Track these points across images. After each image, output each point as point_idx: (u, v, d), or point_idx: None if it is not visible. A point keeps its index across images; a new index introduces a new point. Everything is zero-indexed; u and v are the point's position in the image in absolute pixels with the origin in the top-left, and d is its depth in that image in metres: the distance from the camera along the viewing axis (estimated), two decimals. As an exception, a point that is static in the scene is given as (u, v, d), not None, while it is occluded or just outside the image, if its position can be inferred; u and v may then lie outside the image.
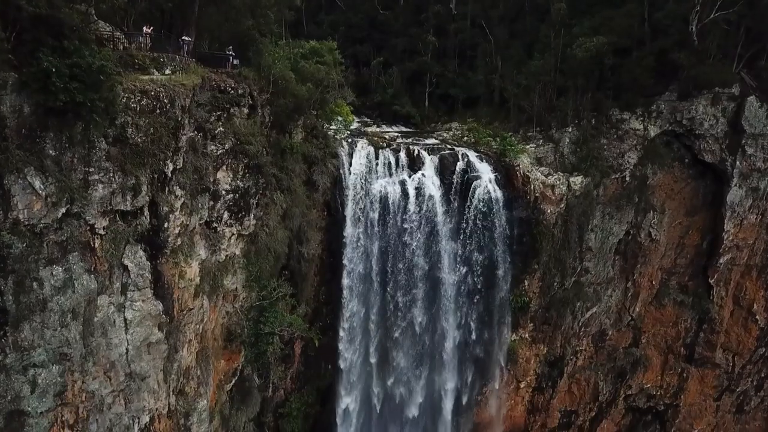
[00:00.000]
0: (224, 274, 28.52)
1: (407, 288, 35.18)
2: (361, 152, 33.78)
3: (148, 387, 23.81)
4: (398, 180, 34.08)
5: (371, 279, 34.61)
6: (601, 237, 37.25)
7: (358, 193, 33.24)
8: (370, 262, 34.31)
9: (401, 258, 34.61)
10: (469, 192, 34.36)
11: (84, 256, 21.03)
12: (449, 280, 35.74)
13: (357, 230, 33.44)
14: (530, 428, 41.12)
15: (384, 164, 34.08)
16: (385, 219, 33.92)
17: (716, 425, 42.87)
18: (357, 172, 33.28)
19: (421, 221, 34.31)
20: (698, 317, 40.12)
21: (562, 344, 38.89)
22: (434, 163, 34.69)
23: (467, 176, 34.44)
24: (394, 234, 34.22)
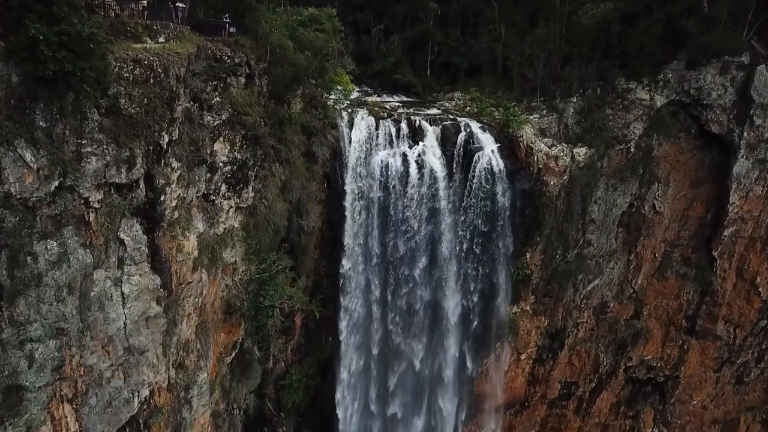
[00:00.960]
0: (223, 247, 28.19)
1: (408, 260, 34.91)
2: (361, 123, 33.12)
3: (147, 361, 23.67)
4: (399, 151, 33.49)
5: (372, 252, 34.31)
6: (605, 209, 36.81)
7: (359, 164, 32.70)
8: (371, 234, 33.96)
9: (402, 230, 34.24)
10: (471, 163, 33.79)
11: (79, 230, 20.63)
12: (450, 253, 35.44)
13: (357, 203, 32.99)
14: (530, 399, 41.34)
15: (385, 135, 33.45)
16: (386, 191, 33.44)
17: (715, 396, 43.06)
18: (357, 143, 32.68)
19: (422, 193, 33.84)
20: (700, 289, 39.92)
21: (563, 316, 38.79)
22: (436, 134, 34.07)
23: (469, 147, 33.84)
24: (395, 206, 33.78)
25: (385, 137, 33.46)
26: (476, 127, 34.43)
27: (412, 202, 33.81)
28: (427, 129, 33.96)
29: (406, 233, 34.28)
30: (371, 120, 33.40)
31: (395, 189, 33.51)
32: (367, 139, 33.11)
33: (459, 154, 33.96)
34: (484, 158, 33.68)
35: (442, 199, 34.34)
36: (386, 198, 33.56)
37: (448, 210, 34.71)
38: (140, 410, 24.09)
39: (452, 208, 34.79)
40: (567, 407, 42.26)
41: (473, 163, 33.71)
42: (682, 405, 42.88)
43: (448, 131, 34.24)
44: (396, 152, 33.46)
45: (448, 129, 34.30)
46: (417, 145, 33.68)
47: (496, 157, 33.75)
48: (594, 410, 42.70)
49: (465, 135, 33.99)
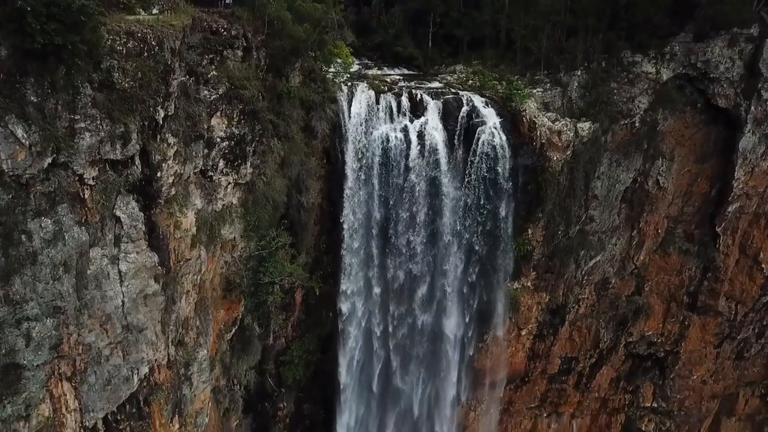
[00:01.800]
0: (221, 224, 27.86)
1: (409, 236, 34.56)
2: (361, 97, 32.44)
3: (146, 339, 23.56)
4: (400, 126, 32.88)
5: (372, 228, 33.95)
6: (608, 185, 36.39)
7: (359, 139, 32.12)
8: (371, 210, 33.57)
9: (403, 206, 33.83)
10: (473, 138, 33.20)
11: (73, 208, 20.32)
12: (451, 229, 35.07)
13: (357, 178, 32.51)
14: (530, 374, 41.43)
15: (385, 109, 32.81)
16: (387, 166, 32.93)
17: (715, 371, 43.19)
18: (357, 117, 32.05)
19: (423, 169, 33.32)
20: (703, 266, 39.72)
21: (564, 292, 38.64)
22: (437, 108, 33.40)
23: (471, 122, 33.20)
24: (396, 182, 33.30)
25: (385, 111, 32.83)
26: (478, 101, 33.76)
27: (413, 178, 33.33)
28: (429, 103, 33.31)
29: (406, 209, 33.87)
30: (371, 94, 32.73)
31: (396, 164, 32.99)
32: (367, 114, 32.47)
33: (461, 128, 33.35)
34: (487, 133, 33.09)
35: (444, 175, 33.85)
36: (387, 173, 33.06)
37: (450, 186, 34.25)
38: (140, 387, 24.08)
39: (454, 184, 34.32)
40: (567, 382, 42.40)
41: (475, 137, 33.14)
42: (681, 380, 43.03)
43: (449, 105, 33.58)
44: (397, 127, 32.85)
45: (449, 103, 33.64)
46: (418, 120, 33.05)
47: (498, 132, 33.15)
48: (594, 385, 42.88)
49: (467, 109, 33.36)
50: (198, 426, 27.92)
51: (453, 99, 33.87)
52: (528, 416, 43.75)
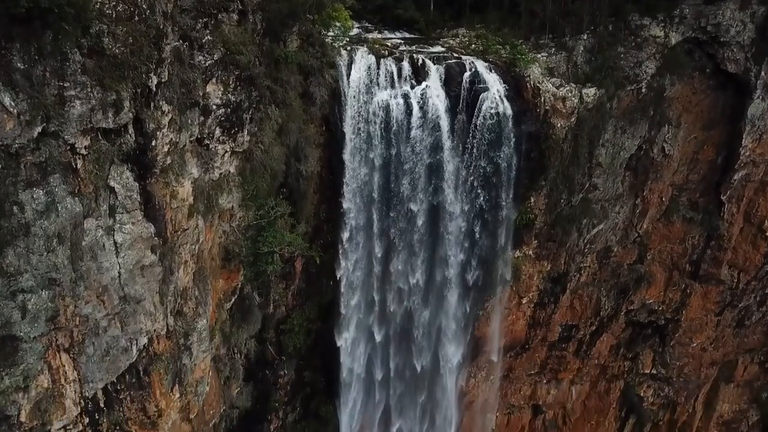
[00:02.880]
0: (219, 193, 27.41)
1: (410, 205, 34.15)
2: (360, 62, 31.56)
3: (144, 310, 23.37)
4: (401, 92, 32.07)
5: (373, 196, 33.51)
6: (612, 152, 35.77)
7: (358, 106, 31.40)
8: (372, 179, 33.04)
9: (403, 174, 33.31)
10: (476, 105, 32.47)
11: (66, 178, 19.85)
12: (453, 196, 34.64)
13: (357, 146, 31.90)
14: (531, 342, 41.57)
15: (386, 75, 31.96)
16: (387, 133, 32.26)
17: (715, 339, 43.29)
18: (357, 83, 31.24)
19: (424, 136, 32.70)
20: (706, 234, 39.39)
21: (566, 261, 38.43)
22: (439, 74, 32.54)
23: (474, 88, 32.40)
24: (397, 149, 32.71)
25: (386, 77, 31.98)
26: (482, 66, 32.89)
27: (414, 145, 32.73)
28: (431, 68, 32.44)
29: (407, 176, 33.36)
30: (371, 59, 31.84)
31: (397, 131, 32.33)
32: (367, 79, 31.65)
33: (463, 95, 32.56)
34: (490, 99, 32.34)
35: (445, 142, 33.23)
36: (387, 140, 32.43)
37: (451, 153, 33.67)
38: (139, 358, 24.00)
39: (455, 151, 33.74)
40: (567, 349, 42.58)
41: (478, 104, 32.40)
42: (681, 347, 43.17)
43: (452, 70, 32.71)
44: (398, 93, 32.04)
45: (452, 68, 32.77)
46: (420, 85, 32.24)
47: (501, 99, 32.40)
48: (594, 352, 43.06)
49: (470, 75, 32.51)
50: (199, 395, 28.00)
51: (455, 64, 32.98)
52: (528, 382, 44.10)
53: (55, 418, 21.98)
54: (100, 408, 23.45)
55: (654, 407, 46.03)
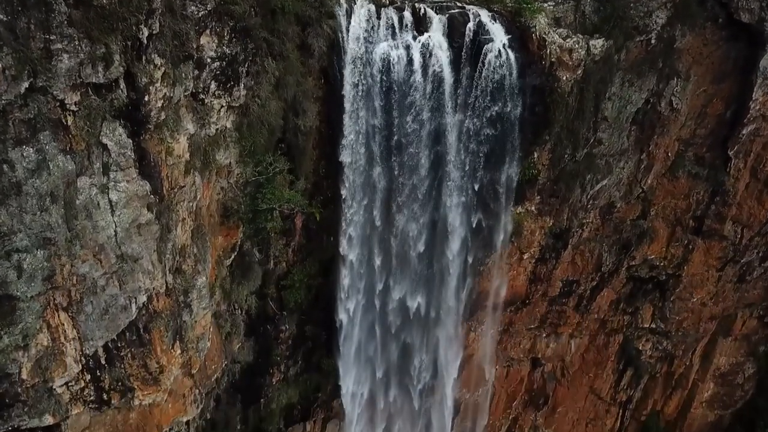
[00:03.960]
0: (216, 149, 26.88)
1: (411, 160, 33.55)
2: (360, 11, 30.32)
3: (142, 268, 23.21)
4: (402, 43, 30.97)
5: (373, 151, 32.88)
6: (619, 106, 34.84)
7: (358, 58, 30.36)
8: (372, 133, 32.32)
9: (405, 128, 32.56)
10: (479, 56, 31.42)
11: (57, 135, 19.36)
12: (455, 151, 34.01)
13: (357, 100, 31.03)
14: (531, 297, 41.61)
15: (386, 25, 30.79)
16: (388, 87, 31.32)
17: (715, 294, 43.27)
18: (356, 34, 30.10)
19: (426, 89, 31.81)
20: (711, 189, 38.79)
21: (568, 217, 38.04)
22: (442, 24, 31.34)
23: (478, 39, 31.24)
24: (398, 103, 31.88)
25: (386, 27, 30.83)
26: (486, 16, 31.64)
27: (416, 98, 31.88)
28: (433, 18, 31.23)
29: (409, 131, 32.64)
30: (372, 8, 30.58)
31: (398, 84, 31.40)
32: (367, 30, 30.52)
33: (467, 46, 31.42)
34: (494, 51, 31.23)
35: (448, 95, 32.35)
36: (388, 93, 31.54)
37: (454, 106, 32.83)
38: (139, 316, 24.01)
39: (458, 105, 32.88)
40: (567, 304, 42.65)
41: (482, 56, 31.33)
42: (681, 302, 43.22)
43: (455, 21, 31.50)
44: (399, 44, 30.93)
45: (455, 18, 31.55)
46: (422, 36, 31.14)
47: (506, 50, 31.32)
48: (594, 307, 43.15)
49: (474, 25, 31.30)
50: (200, 351, 28.19)
51: (459, 14, 31.72)
52: (527, 336, 44.41)
53: (57, 376, 22.15)
54: (102, 365, 23.61)
55: (652, 360, 46.49)
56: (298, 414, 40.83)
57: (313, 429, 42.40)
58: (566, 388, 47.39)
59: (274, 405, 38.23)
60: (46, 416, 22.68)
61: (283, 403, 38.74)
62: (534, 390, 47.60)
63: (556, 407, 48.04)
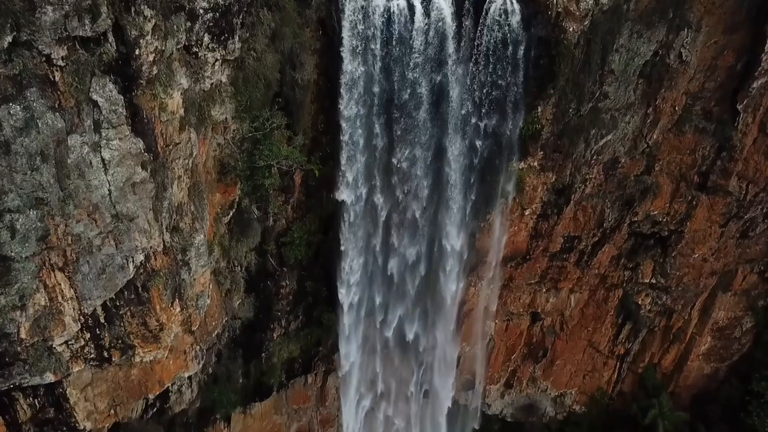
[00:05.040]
0: (211, 105, 26.19)
1: (412, 112, 32.75)
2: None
3: (138, 227, 22.91)
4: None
5: (373, 106, 32.08)
6: (626, 58, 33.72)
7: (357, 8, 29.23)
8: (371, 86, 31.43)
9: (405, 82, 31.66)
10: (483, 7, 30.27)
11: (44, 92, 18.73)
12: (457, 105, 33.19)
13: (356, 52, 30.01)
14: (532, 253, 41.48)
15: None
16: (389, 38, 30.25)
17: (717, 249, 43.07)
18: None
19: (428, 40, 30.74)
20: (718, 145, 38.04)
21: (571, 173, 37.44)
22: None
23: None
24: (398, 55, 30.87)
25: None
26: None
27: (417, 50, 30.87)
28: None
29: (409, 85, 31.74)
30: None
31: (398, 35, 30.34)
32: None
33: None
34: (498, 1, 30.11)
35: (450, 47, 31.29)
36: (388, 45, 30.51)
37: (456, 59, 31.81)
38: (137, 275, 23.86)
39: (461, 57, 31.87)
40: (568, 260, 42.55)
41: (486, 6, 30.18)
42: (682, 258, 43.07)
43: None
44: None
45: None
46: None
47: (511, 0, 30.15)
48: (594, 262, 43.06)
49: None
50: (200, 308, 28.21)
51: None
52: (527, 291, 44.54)
53: (56, 335, 22.17)
54: (101, 323, 23.63)
55: (650, 315, 46.71)
56: (299, 367, 41.41)
57: (314, 381, 43.07)
58: (565, 342, 47.85)
59: (275, 359, 38.65)
60: (47, 374, 22.85)
61: (284, 357, 39.17)
62: (533, 343, 48.10)
63: (555, 360, 48.63)
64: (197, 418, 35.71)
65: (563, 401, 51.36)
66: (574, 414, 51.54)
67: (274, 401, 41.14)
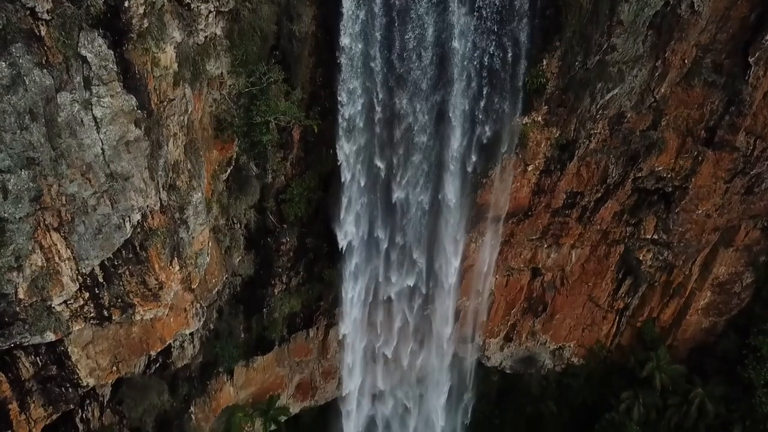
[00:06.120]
0: (206, 59, 25.37)
1: (414, 66, 31.78)
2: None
3: (133, 186, 22.51)
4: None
5: (373, 58, 31.08)
6: (636, 8, 32.45)
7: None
8: (372, 38, 30.37)
9: (406, 33, 30.56)
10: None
11: (30, 48, 18.00)
12: (460, 58, 32.14)
13: (355, 2, 28.90)
14: (534, 209, 41.15)
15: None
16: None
17: (721, 205, 42.68)
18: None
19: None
20: (727, 99, 37.12)
21: (576, 128, 36.73)
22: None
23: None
24: (399, 6, 29.74)
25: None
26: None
27: (419, 2, 29.71)
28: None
29: (410, 36, 30.65)
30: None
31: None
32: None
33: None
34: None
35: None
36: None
37: (459, 10, 30.64)
38: (134, 234, 23.60)
39: (464, 8, 30.69)
40: (570, 216, 42.29)
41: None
42: (686, 214, 42.74)
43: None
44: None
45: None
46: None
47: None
48: (596, 218, 42.79)
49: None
50: (199, 266, 28.08)
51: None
52: (528, 247, 44.47)
53: (54, 294, 22.09)
54: (100, 283, 23.53)
55: (651, 270, 46.75)
56: (301, 322, 41.73)
57: (316, 335, 43.49)
58: (565, 297, 48.08)
59: (277, 314, 38.88)
60: (48, 333, 22.90)
61: (286, 312, 39.39)
62: (533, 298, 48.35)
63: (554, 314, 48.99)
64: (200, 372, 36.20)
65: (562, 354, 52.04)
66: (572, 366, 52.29)
67: (277, 354, 41.66)
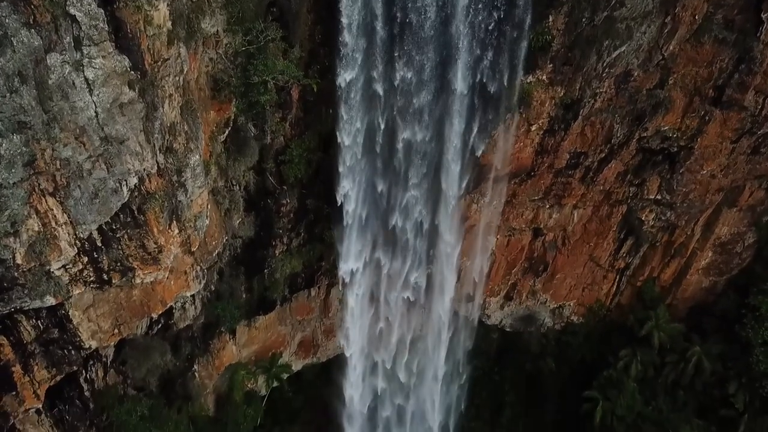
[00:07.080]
0: (200, 16, 24.56)
1: (415, 24, 30.85)
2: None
3: (129, 150, 22.10)
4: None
5: (374, 10, 30.07)
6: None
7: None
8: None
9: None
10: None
11: (16, 7, 17.36)
12: (463, 14, 31.15)
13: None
14: (537, 169, 40.65)
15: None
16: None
17: (727, 166, 42.05)
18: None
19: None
20: (737, 56, 36.11)
21: (581, 86, 35.89)
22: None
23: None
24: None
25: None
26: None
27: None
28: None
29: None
30: None
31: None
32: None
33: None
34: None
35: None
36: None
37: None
38: (131, 198, 23.33)
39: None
40: (573, 176, 41.77)
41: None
42: (690, 174, 42.19)
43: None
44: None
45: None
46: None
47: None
48: (600, 179, 42.29)
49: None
50: (198, 229, 27.89)
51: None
52: (530, 207, 44.13)
53: (53, 259, 21.96)
54: (98, 247, 23.37)
55: (653, 230, 46.47)
56: (302, 282, 41.84)
57: (317, 294, 43.68)
58: (566, 256, 48.00)
59: (278, 274, 38.93)
60: (48, 297, 22.86)
61: (287, 272, 39.42)
62: (534, 258, 48.29)
63: (555, 274, 49.03)
64: (202, 332, 36.49)
65: (561, 312, 52.36)
66: (572, 325, 52.68)
67: (278, 313, 41.95)
